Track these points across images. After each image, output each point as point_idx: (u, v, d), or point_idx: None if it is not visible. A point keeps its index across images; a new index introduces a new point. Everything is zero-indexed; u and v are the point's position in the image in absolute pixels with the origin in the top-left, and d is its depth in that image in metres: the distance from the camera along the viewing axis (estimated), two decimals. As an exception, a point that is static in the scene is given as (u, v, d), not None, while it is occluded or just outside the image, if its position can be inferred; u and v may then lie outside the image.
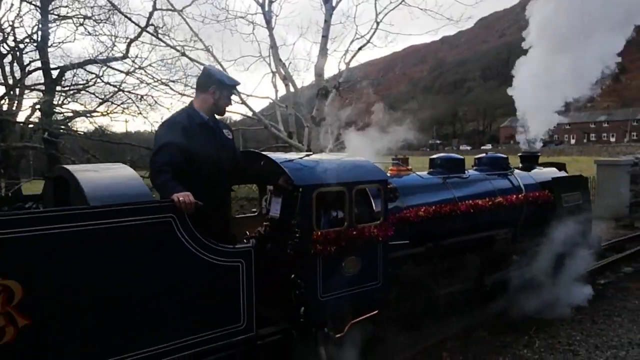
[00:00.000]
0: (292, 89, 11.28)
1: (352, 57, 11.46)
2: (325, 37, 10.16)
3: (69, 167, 3.58)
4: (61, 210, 2.99)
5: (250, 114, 11.63)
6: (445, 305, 5.33)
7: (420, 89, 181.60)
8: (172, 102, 19.86)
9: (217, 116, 4.14)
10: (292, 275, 3.97)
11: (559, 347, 5.78)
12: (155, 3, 12.05)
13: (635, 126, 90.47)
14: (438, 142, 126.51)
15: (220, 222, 3.92)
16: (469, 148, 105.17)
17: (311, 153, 5.00)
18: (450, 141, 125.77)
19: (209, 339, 3.44)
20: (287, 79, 10.96)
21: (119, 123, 35.20)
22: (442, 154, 6.55)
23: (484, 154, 7.23)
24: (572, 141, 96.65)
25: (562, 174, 7.66)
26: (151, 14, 12.26)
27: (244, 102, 10.95)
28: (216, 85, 3.96)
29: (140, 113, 13.65)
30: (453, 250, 5.79)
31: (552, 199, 6.79)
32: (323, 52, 10.21)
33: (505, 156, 7.11)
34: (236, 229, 4.44)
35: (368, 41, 11.27)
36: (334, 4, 10.21)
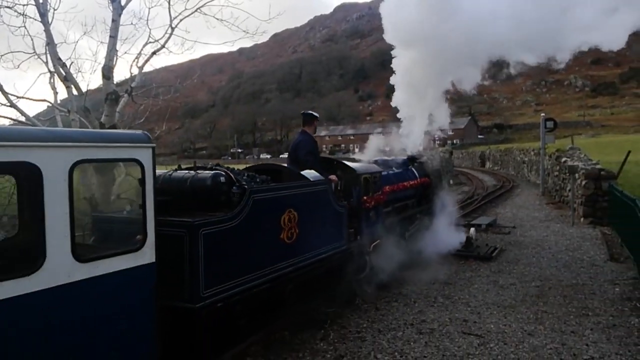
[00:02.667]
0: (75, 92, 10.14)
1: (146, 62, 10.84)
2: (113, 37, 9.38)
3: (276, 163, 7.63)
4: (308, 182, 6.45)
5: (22, 118, 10.06)
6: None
7: (220, 98, 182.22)
8: None
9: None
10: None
11: (350, 336, 6.39)
12: None
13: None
14: (239, 150, 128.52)
15: None
16: (268, 156, 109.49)
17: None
18: (251, 150, 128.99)
19: (334, 247, 6.89)
20: (68, 80, 9.80)
21: None
22: (380, 158, 10.08)
23: (393, 157, 10.83)
24: (357, 149, 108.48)
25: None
26: None
27: (13, 105, 9.44)
28: (316, 120, 7.86)
29: None
30: (397, 211, 9.46)
31: (430, 183, 11.05)
32: (111, 53, 9.41)
33: (406, 158, 11.03)
34: None
35: (163, 46, 10.81)
36: (122, 3, 9.50)
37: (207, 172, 5.46)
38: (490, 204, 19.77)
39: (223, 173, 5.47)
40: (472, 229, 11.71)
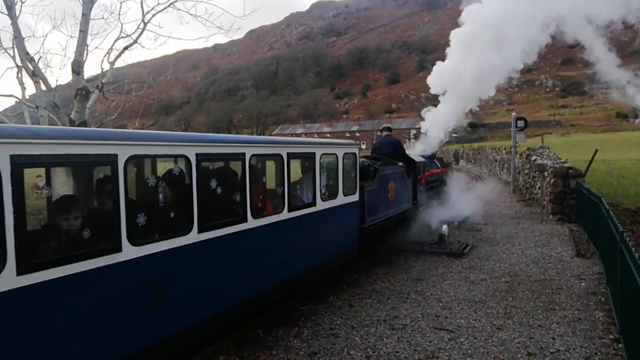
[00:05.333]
0: (43, 87, 9.90)
1: (118, 57, 10.69)
2: (83, 31, 9.20)
3: (376, 155, 11.67)
4: (397, 166, 11.02)
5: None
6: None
7: (195, 94, 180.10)
8: None
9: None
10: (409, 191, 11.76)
11: (323, 333, 6.42)
12: None
13: (379, 135, 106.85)
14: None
15: None
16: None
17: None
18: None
19: (407, 206, 11.37)
20: (36, 75, 9.56)
21: None
22: (420, 153, 14.48)
23: (424, 152, 14.94)
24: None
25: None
26: None
27: (-22, 100, 9.16)
28: (389, 130, 12.85)
29: None
30: (430, 188, 13.52)
31: (446, 172, 15.50)
32: (82, 48, 9.23)
33: (432, 153, 15.50)
34: None
35: (135, 41, 10.67)
36: (93, -3, 9.32)
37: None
38: (463, 202, 20.05)
39: (365, 160, 10.10)
40: (445, 226, 11.90)
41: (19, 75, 10.93)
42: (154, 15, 10.71)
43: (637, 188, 19.23)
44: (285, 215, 6.32)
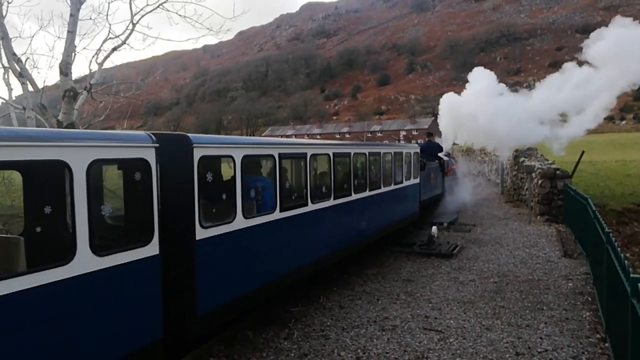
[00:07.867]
0: (31, 89, 9.80)
1: (106, 58, 10.59)
2: (71, 32, 9.11)
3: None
4: (432, 161, 16.16)
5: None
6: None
7: (184, 95, 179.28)
8: None
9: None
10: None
11: (313, 334, 6.43)
12: None
13: (369, 137, 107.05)
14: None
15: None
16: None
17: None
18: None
19: (439, 190, 16.98)
20: (23, 76, 9.46)
21: None
22: (444, 151, 19.67)
23: (446, 152, 19.97)
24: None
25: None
26: None
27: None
28: (432, 135, 19.96)
29: None
30: (449, 179, 18.97)
31: (457, 167, 21.45)
32: (70, 49, 9.14)
33: (447, 153, 20.34)
34: None
35: (124, 42, 10.58)
36: (81, -2, 9.24)
37: None
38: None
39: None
40: (434, 227, 11.96)
41: (6, 77, 10.83)
42: (142, 16, 10.63)
43: (622, 189, 19.51)
44: (392, 187, 11.08)
